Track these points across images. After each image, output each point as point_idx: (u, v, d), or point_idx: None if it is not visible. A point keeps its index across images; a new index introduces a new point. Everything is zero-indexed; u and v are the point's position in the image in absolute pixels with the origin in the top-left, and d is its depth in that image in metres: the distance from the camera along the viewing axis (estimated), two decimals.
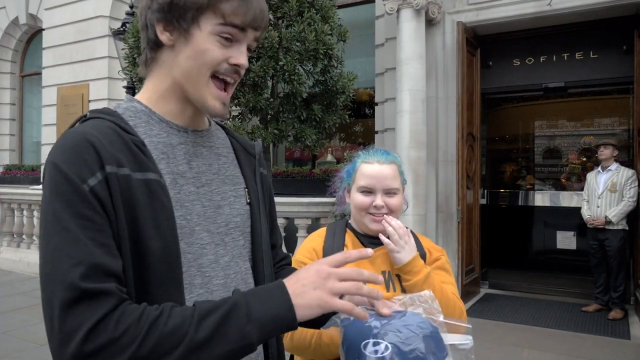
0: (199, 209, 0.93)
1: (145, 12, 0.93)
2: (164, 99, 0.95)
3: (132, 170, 0.83)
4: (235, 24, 0.90)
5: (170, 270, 0.84)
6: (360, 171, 1.50)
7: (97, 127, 0.85)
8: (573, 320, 5.08)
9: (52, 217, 0.78)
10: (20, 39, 10.68)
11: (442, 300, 1.41)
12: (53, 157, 0.81)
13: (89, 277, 0.74)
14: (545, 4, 5.29)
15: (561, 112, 8.55)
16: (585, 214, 5.37)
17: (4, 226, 7.76)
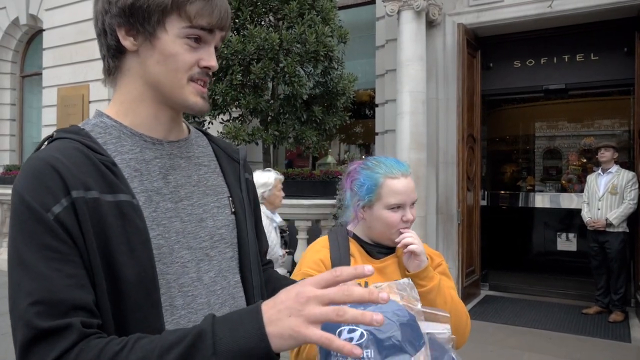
0: (177, 225, 0.89)
1: (101, 16, 0.88)
2: (135, 107, 0.91)
3: (102, 193, 0.79)
4: (202, 26, 0.87)
5: (147, 295, 0.81)
6: (387, 187, 1.42)
7: (62, 149, 0.81)
8: (573, 322, 5.07)
9: (13, 250, 0.75)
10: (21, 40, 10.66)
11: (452, 307, 1.42)
12: (17, 186, 0.78)
13: (47, 315, 0.71)
14: (547, 6, 5.28)
15: (561, 113, 8.55)
16: (586, 216, 5.36)
17: (4, 227, 7.76)
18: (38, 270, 0.73)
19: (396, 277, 1.44)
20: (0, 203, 7.76)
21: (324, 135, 5.66)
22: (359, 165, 1.51)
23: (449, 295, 1.44)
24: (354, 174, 1.50)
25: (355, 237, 1.51)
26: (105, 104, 8.22)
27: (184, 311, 0.88)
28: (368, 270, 0.72)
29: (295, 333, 0.68)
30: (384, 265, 1.46)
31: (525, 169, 8.96)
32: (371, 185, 1.43)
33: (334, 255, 1.44)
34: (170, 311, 0.86)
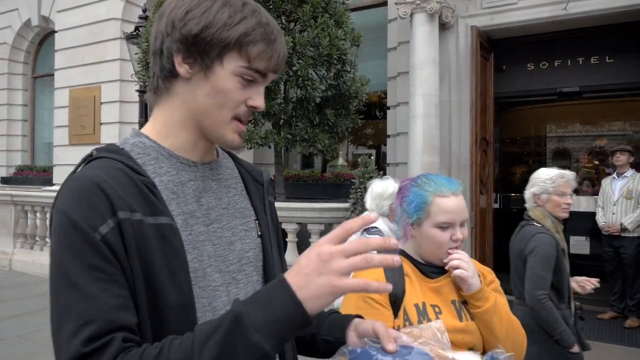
0: (209, 249, 0.89)
1: (162, 37, 0.88)
2: (176, 131, 0.91)
3: (145, 215, 0.79)
4: (258, 69, 0.87)
5: (186, 319, 0.81)
6: (436, 206, 1.41)
7: (106, 169, 0.81)
8: (588, 327, 5.03)
9: (60, 270, 0.75)
10: (32, 41, 10.75)
11: (508, 325, 1.41)
12: (61, 204, 0.78)
13: (97, 336, 0.72)
14: (561, 9, 5.23)
15: (574, 115, 8.48)
16: (600, 220, 5.31)
17: (18, 228, 7.83)
18: (88, 291, 0.73)
19: (452, 297, 1.42)
20: (14, 204, 7.82)
21: (335, 138, 5.65)
22: (409, 182, 1.50)
23: (505, 313, 1.43)
24: (404, 191, 1.50)
25: (405, 255, 1.49)
26: (116, 105, 8.28)
27: None
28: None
29: (330, 288, 0.71)
30: (440, 285, 1.44)
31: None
32: (420, 203, 1.42)
33: (388, 274, 1.41)
34: None
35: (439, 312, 1.39)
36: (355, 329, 0.99)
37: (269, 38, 0.87)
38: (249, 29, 0.85)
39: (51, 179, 9.24)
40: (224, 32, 0.84)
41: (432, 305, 1.40)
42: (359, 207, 4.63)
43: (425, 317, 1.37)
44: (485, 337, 1.41)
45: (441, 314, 1.39)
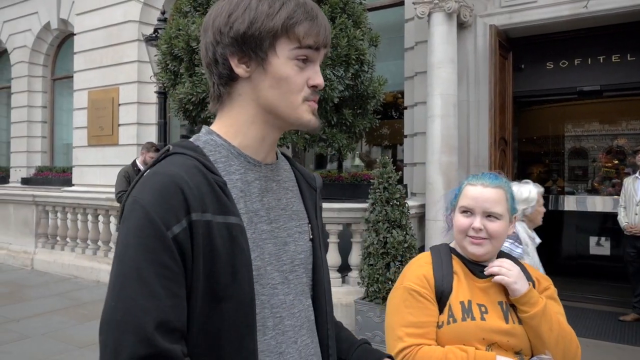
0: (270, 248, 0.92)
1: (212, 47, 0.91)
2: (245, 129, 0.94)
3: (214, 214, 0.82)
4: (310, 45, 0.89)
5: (244, 316, 0.83)
6: (463, 192, 1.50)
7: (185, 167, 0.84)
8: (610, 329, 4.97)
9: (131, 261, 0.77)
10: (52, 44, 10.91)
11: (559, 334, 1.40)
12: (140, 198, 0.81)
13: (161, 334, 0.74)
14: (582, 6, 5.18)
15: (594, 113, 8.37)
16: (623, 221, 5.24)
17: (39, 228, 7.95)
18: (152, 287, 0.76)
19: (500, 298, 1.43)
20: (35, 204, 7.95)
21: (353, 138, 5.65)
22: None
23: (555, 321, 1.41)
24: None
25: (456, 253, 1.51)
26: (134, 106, 8.37)
27: (274, 332, 0.90)
28: None
29: None
30: (487, 286, 1.45)
31: (555, 171, 8.80)
32: (457, 191, 1.55)
33: (437, 272, 1.44)
34: (263, 331, 0.88)
35: (485, 311, 1.40)
36: None
37: (311, 15, 0.89)
38: (290, 13, 0.88)
39: (70, 179, 9.37)
40: (268, 22, 0.87)
41: (479, 305, 1.41)
42: (378, 207, 4.62)
43: (470, 314, 1.38)
44: (533, 343, 1.41)
45: (487, 313, 1.39)
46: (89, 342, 4.59)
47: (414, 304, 1.39)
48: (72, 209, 7.44)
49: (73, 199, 7.41)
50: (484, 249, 1.43)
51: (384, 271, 4.48)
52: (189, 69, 5.18)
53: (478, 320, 1.38)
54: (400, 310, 1.41)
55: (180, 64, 5.34)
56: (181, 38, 5.09)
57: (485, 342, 1.37)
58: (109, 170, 8.36)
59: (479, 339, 1.36)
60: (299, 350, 0.94)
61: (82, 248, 7.37)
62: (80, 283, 6.87)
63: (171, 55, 5.40)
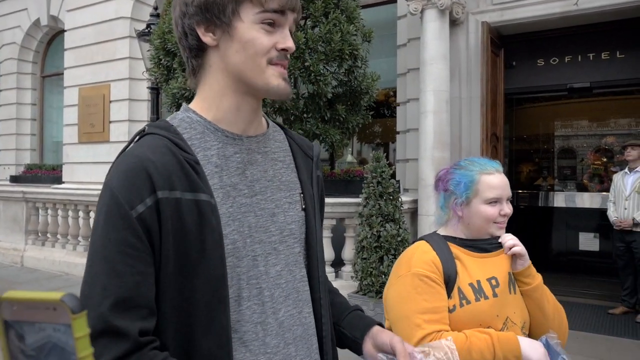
0: (251, 220, 0.92)
1: (181, 20, 0.92)
2: (217, 101, 0.94)
3: (183, 191, 0.83)
4: (274, 9, 0.89)
5: (215, 292, 0.84)
6: (484, 183, 1.47)
7: (153, 147, 0.85)
8: (600, 322, 5.03)
9: (98, 240, 0.81)
10: (41, 40, 10.81)
11: (554, 306, 1.47)
12: (109, 181, 0.83)
13: (116, 311, 0.76)
14: (572, 4, 5.24)
15: (584, 112, 8.47)
16: (612, 215, 5.31)
17: (29, 225, 7.88)
18: (114, 265, 0.79)
19: (509, 268, 1.47)
20: (25, 201, 7.87)
21: (346, 134, 5.67)
22: (451, 168, 1.56)
23: (550, 294, 1.48)
24: (446, 176, 1.55)
25: (451, 239, 1.52)
26: (125, 103, 8.32)
27: (250, 302, 0.91)
28: None
29: None
30: (497, 259, 1.48)
31: (545, 168, 8.90)
32: (468, 182, 1.48)
33: (442, 257, 1.44)
34: (238, 302, 0.89)
35: (496, 285, 1.42)
36: (373, 337, 1.04)
37: None
38: None
39: (60, 177, 9.29)
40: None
41: (489, 279, 1.43)
42: (371, 202, 4.65)
43: (482, 294, 1.40)
44: (534, 317, 1.45)
45: (498, 287, 1.42)
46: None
47: (427, 289, 1.37)
48: (62, 205, 7.38)
49: (64, 195, 7.35)
50: (504, 229, 1.50)
51: (377, 265, 4.50)
52: (182, 64, 5.17)
53: (491, 298, 1.40)
54: (413, 298, 1.38)
55: (173, 59, 5.34)
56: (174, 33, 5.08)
57: (501, 318, 1.39)
58: (100, 167, 8.31)
59: (494, 316, 1.38)
60: (279, 321, 0.94)
61: (73, 245, 7.32)
62: (71, 280, 6.81)
63: (164, 50, 5.39)
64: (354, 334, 1.07)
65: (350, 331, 1.08)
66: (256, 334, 0.90)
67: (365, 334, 1.06)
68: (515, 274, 1.46)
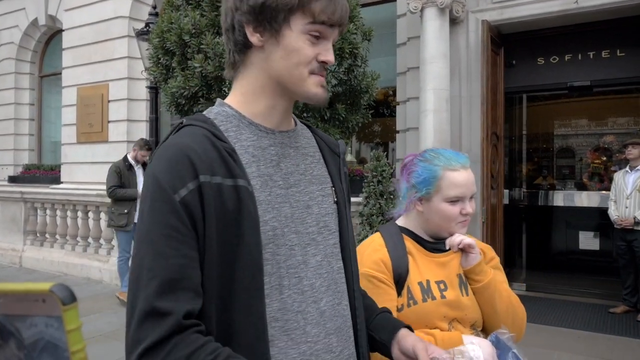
0: (287, 210, 0.94)
1: (232, 13, 0.94)
2: (255, 98, 0.97)
3: (224, 178, 0.86)
4: (324, 21, 0.92)
5: (252, 279, 0.86)
6: (447, 180, 1.39)
7: (193, 135, 0.89)
8: (601, 321, 5.02)
9: (144, 226, 0.84)
10: (39, 40, 10.77)
11: (508, 301, 1.42)
12: (153, 168, 0.87)
13: (161, 293, 0.78)
14: (572, 2, 5.22)
15: (584, 110, 8.46)
16: (613, 214, 5.30)
17: (28, 225, 7.85)
18: (159, 248, 0.81)
19: (457, 270, 1.42)
20: (24, 201, 7.85)
21: (346, 133, 5.64)
22: (416, 157, 1.48)
23: (503, 289, 1.43)
24: (410, 166, 1.48)
25: (408, 232, 1.47)
26: (124, 103, 8.29)
27: (291, 291, 0.93)
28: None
29: None
30: (447, 260, 1.44)
31: (545, 167, 8.88)
32: (429, 177, 1.40)
33: (393, 254, 1.40)
34: (279, 290, 0.91)
35: (444, 288, 1.38)
36: (399, 342, 1.07)
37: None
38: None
39: (58, 177, 9.25)
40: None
41: (437, 282, 1.39)
42: (372, 201, 4.63)
43: (430, 294, 1.37)
44: (486, 314, 1.40)
45: (446, 290, 1.38)
46: None
47: (374, 290, 1.32)
48: (61, 205, 7.36)
49: (62, 195, 7.33)
50: (466, 228, 1.43)
51: None
52: (181, 63, 5.14)
53: (438, 299, 1.36)
54: None
55: (172, 58, 5.30)
56: (173, 32, 5.05)
57: (447, 319, 1.36)
58: (98, 167, 8.27)
59: (441, 317, 1.35)
60: (320, 310, 0.95)
61: (72, 245, 7.29)
62: (69, 280, 6.79)
63: (163, 49, 5.35)
64: (381, 337, 1.10)
65: (378, 334, 1.10)
66: (297, 322, 0.92)
67: (392, 337, 1.08)
68: (466, 271, 1.41)
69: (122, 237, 5.72)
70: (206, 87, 4.96)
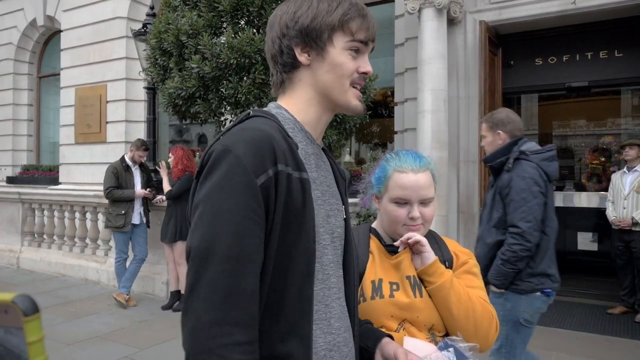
0: (323, 212, 1.05)
1: (279, 40, 1.07)
2: (305, 109, 1.08)
3: (293, 170, 0.94)
4: (361, 39, 1.06)
5: (307, 264, 0.95)
6: (393, 181, 1.42)
7: (269, 125, 0.97)
8: (599, 322, 5.02)
9: (219, 201, 0.88)
10: (38, 41, 10.76)
11: (467, 306, 1.36)
12: (233, 147, 0.91)
13: (233, 268, 0.85)
14: (570, 3, 5.22)
15: (582, 111, 8.46)
16: (611, 215, 5.29)
17: (25, 226, 7.84)
18: (238, 228, 0.87)
19: (409, 272, 1.41)
20: (22, 202, 7.84)
21: (344, 134, 5.64)
22: (384, 155, 1.54)
23: (464, 294, 1.37)
24: (377, 164, 1.53)
25: (376, 233, 1.50)
26: (122, 103, 8.29)
27: (322, 285, 1.02)
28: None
29: None
30: (399, 261, 1.43)
31: None
32: (381, 176, 1.46)
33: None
34: (315, 283, 0.99)
35: (396, 289, 1.38)
36: (381, 349, 1.19)
37: (362, 13, 1.07)
38: (345, 10, 1.05)
39: (57, 178, 9.24)
40: (327, 17, 1.04)
41: (391, 283, 1.39)
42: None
43: (379, 293, 1.37)
44: (443, 317, 1.37)
45: (397, 290, 1.38)
46: (76, 339, 4.52)
47: None
48: (59, 206, 7.34)
49: (60, 196, 7.31)
50: (419, 234, 1.40)
51: None
52: (179, 64, 5.13)
53: (386, 298, 1.35)
54: None
55: (169, 59, 5.30)
56: (171, 32, 5.04)
57: (395, 319, 1.35)
58: (96, 168, 8.26)
59: (388, 316, 1.34)
60: (341, 306, 1.07)
61: (70, 246, 7.28)
62: (67, 281, 6.78)
63: (160, 49, 5.35)
64: (367, 344, 1.21)
65: (365, 342, 1.21)
66: (325, 314, 1.02)
67: (376, 344, 1.20)
68: (420, 272, 1.39)
69: (119, 237, 5.70)
70: (203, 87, 4.95)
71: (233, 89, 4.82)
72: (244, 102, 4.97)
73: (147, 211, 5.93)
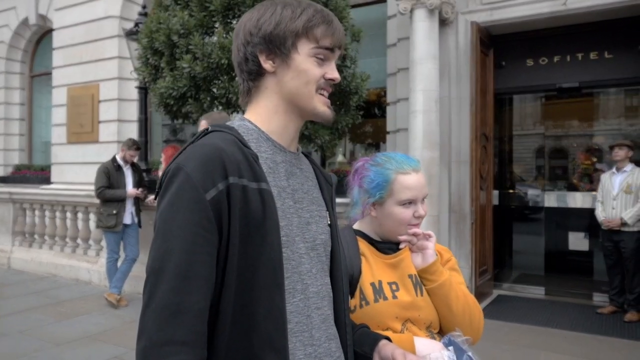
0: (296, 221, 1.03)
1: (243, 48, 1.06)
2: (270, 118, 1.07)
3: (249, 181, 0.93)
4: (326, 46, 1.05)
5: (274, 276, 0.92)
6: (399, 183, 1.41)
7: (223, 139, 0.96)
8: (588, 322, 5.05)
9: (170, 219, 0.88)
10: (30, 40, 10.70)
11: (464, 302, 1.41)
12: (185, 164, 0.91)
13: (183, 289, 0.84)
14: (560, 4, 5.26)
15: (573, 111, 8.50)
16: (600, 215, 5.33)
17: (16, 226, 7.79)
18: (187, 246, 0.87)
19: (409, 271, 1.42)
20: (12, 202, 7.79)
21: (336, 134, 5.64)
22: (367, 162, 1.49)
23: (460, 290, 1.43)
24: (362, 171, 1.48)
25: (362, 234, 1.49)
26: (115, 103, 8.25)
27: (302, 296, 1.01)
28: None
29: None
30: (397, 261, 1.44)
31: (536, 168, 8.92)
32: (382, 182, 1.42)
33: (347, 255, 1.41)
34: (292, 294, 0.99)
35: (396, 289, 1.39)
36: (379, 351, 1.19)
37: (327, 20, 1.05)
38: (310, 17, 1.03)
39: (49, 177, 9.20)
40: (291, 24, 1.03)
41: (389, 283, 1.40)
42: None
43: (382, 294, 1.37)
44: (441, 315, 1.41)
45: (398, 290, 1.39)
46: (66, 339, 4.50)
47: None
48: (50, 206, 7.30)
49: (51, 196, 7.27)
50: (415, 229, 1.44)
51: None
52: (170, 63, 5.12)
53: (390, 299, 1.37)
54: None
55: (161, 58, 5.28)
56: (162, 32, 5.03)
57: (399, 320, 1.36)
58: (89, 167, 8.22)
59: (392, 317, 1.35)
60: (322, 316, 1.05)
61: (61, 246, 7.24)
62: (58, 281, 6.74)
63: (152, 49, 5.33)
64: (364, 350, 1.20)
65: (362, 347, 1.21)
66: (305, 325, 1.00)
67: (373, 348, 1.20)
68: (421, 271, 1.42)
69: (110, 237, 5.68)
70: (194, 87, 4.95)
71: (224, 89, 4.81)
72: (235, 102, 4.97)
73: (138, 211, 5.91)
